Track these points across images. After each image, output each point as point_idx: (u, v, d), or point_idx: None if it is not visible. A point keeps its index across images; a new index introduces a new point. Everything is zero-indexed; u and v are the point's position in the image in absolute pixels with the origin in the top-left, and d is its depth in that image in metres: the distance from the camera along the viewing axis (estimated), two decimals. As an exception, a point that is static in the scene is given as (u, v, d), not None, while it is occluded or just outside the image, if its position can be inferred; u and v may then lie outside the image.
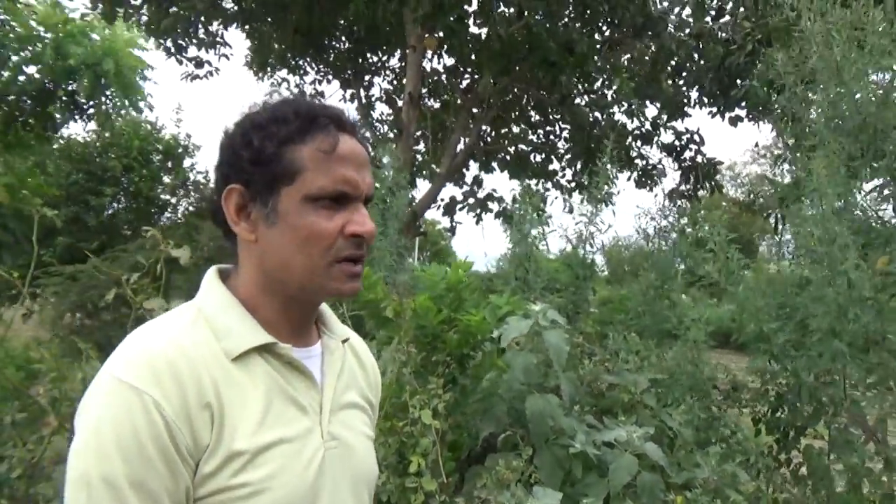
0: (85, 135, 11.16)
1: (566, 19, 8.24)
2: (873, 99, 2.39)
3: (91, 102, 9.46)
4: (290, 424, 0.90)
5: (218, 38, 9.69)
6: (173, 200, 11.17)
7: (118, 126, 11.03)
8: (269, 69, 10.77)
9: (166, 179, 11.26)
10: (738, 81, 7.43)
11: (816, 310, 2.77)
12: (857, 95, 2.42)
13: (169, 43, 9.43)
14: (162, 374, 0.81)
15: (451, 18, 7.39)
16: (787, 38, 2.65)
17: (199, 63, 9.94)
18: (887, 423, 2.99)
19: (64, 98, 9.51)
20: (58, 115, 9.46)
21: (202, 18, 9.06)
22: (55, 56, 8.82)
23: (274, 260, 0.92)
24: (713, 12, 8.06)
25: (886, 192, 2.61)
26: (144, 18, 9.04)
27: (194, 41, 9.54)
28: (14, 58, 8.82)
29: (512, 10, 8.13)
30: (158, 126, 11.52)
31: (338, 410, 0.98)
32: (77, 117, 9.85)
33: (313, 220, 0.89)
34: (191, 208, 10.92)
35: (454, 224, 10.50)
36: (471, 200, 10.49)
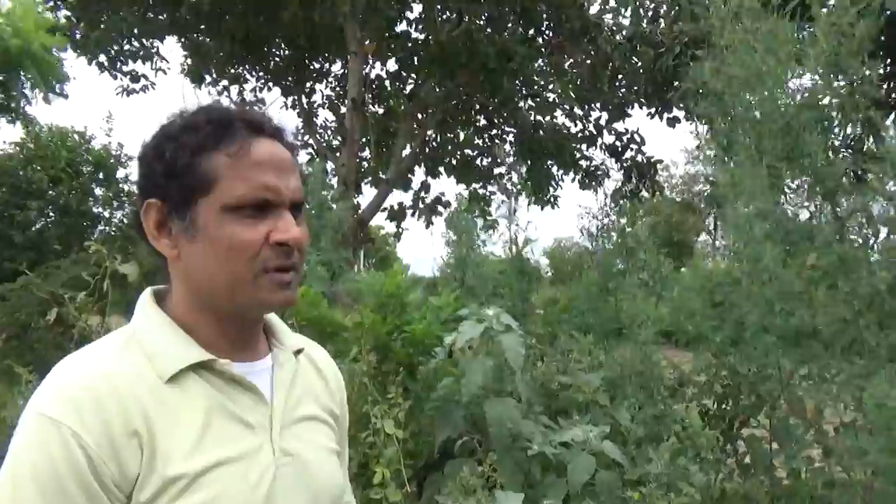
0: (7, 147, 10.66)
1: (506, 25, 8.36)
2: (792, 103, 2.51)
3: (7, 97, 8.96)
4: (233, 443, 0.86)
5: (153, 51, 9.41)
6: (106, 213, 10.75)
7: (43, 136, 10.57)
8: (207, 78, 10.52)
9: (98, 192, 10.83)
10: (674, 83, 7.67)
11: (747, 307, 2.87)
12: (779, 101, 2.54)
13: (102, 58, 9.10)
14: (82, 405, 0.77)
15: (387, 20, 7.39)
16: (707, 47, 2.76)
17: (134, 77, 9.63)
18: (825, 413, 3.13)
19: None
20: None
21: (135, 31, 8.78)
22: None
23: (199, 276, 0.88)
24: (650, 14, 8.31)
25: (806, 190, 2.74)
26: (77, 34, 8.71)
27: (128, 54, 9.24)
28: None
29: (452, 15, 8.20)
30: (88, 136, 11.09)
31: (291, 425, 0.94)
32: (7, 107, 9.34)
33: (234, 230, 0.85)
34: (125, 221, 10.54)
35: (400, 230, 10.49)
36: (420, 206, 10.50)
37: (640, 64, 8.66)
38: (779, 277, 2.60)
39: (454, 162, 11.24)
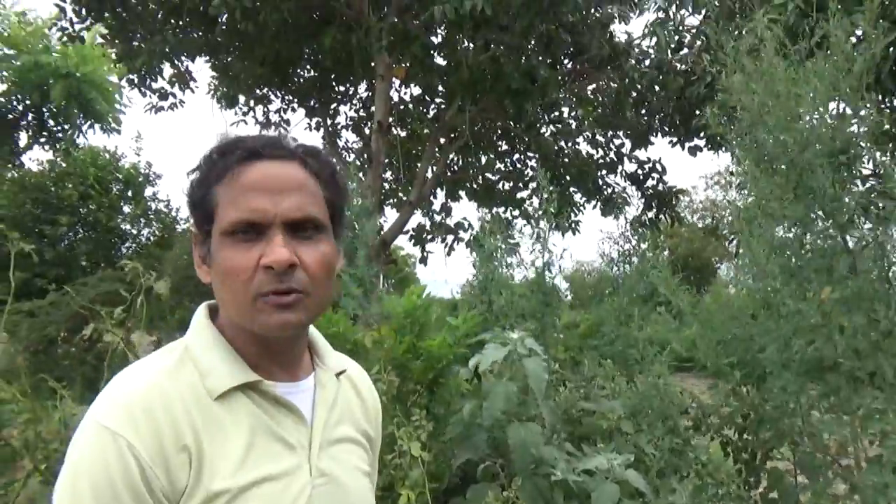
0: (39, 165, 10.92)
1: (529, 51, 8.44)
2: (794, 142, 2.52)
3: (59, 124, 9.33)
4: (274, 462, 0.89)
5: (185, 71, 9.65)
6: (134, 230, 10.91)
7: (76, 155, 10.81)
8: (233, 99, 10.74)
9: (126, 209, 11.02)
10: (697, 112, 7.67)
11: (766, 342, 2.85)
12: (782, 138, 2.55)
13: (133, 75, 9.36)
14: (138, 417, 0.81)
15: (417, 47, 7.51)
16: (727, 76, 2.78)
17: (163, 95, 9.86)
18: (856, 446, 3.07)
19: (31, 121, 9.37)
20: (22, 140, 9.31)
21: (168, 51, 9.02)
22: (29, 68, 8.70)
23: (218, 300, 0.93)
24: (673, 45, 8.36)
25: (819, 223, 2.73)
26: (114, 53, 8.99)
27: (161, 75, 9.48)
28: None
29: (477, 43, 8.30)
30: (118, 155, 11.31)
31: (328, 446, 0.97)
32: (42, 141, 9.69)
33: (228, 255, 0.88)
34: (152, 238, 10.69)
35: (425, 254, 10.53)
36: (440, 229, 10.55)
37: (664, 93, 8.68)
38: (798, 311, 2.59)
39: (475, 186, 11.30)
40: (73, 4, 8.05)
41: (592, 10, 8.21)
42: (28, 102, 9.82)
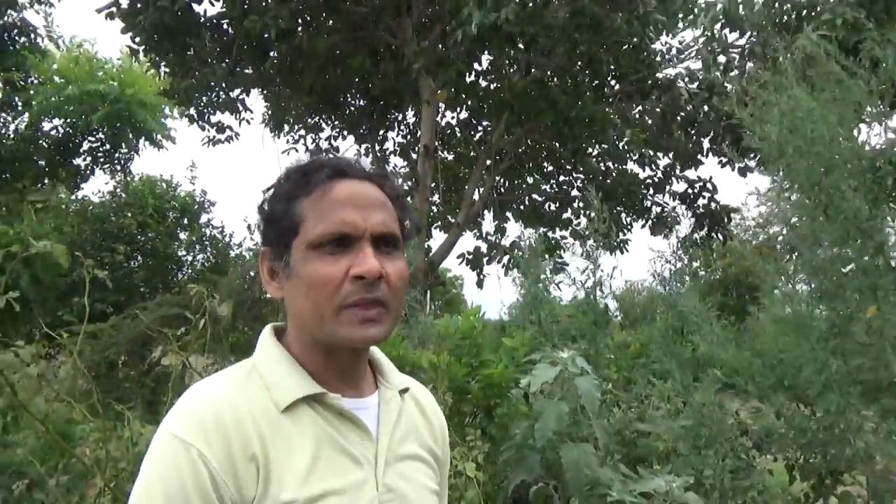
0: (101, 196, 11.40)
1: (574, 73, 8.45)
2: (818, 164, 2.47)
3: (115, 148, 9.81)
4: (341, 476, 0.89)
5: (238, 103, 10.01)
6: (189, 257, 11.25)
7: (134, 185, 11.25)
8: (285, 128, 11.06)
9: (182, 236, 11.38)
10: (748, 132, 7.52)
11: (803, 363, 2.76)
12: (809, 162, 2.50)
13: (192, 111, 9.76)
14: (208, 428, 0.84)
15: (453, 71, 7.60)
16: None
17: (220, 128, 10.23)
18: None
19: (88, 148, 9.85)
20: (81, 167, 9.79)
21: (223, 84, 9.39)
22: (79, 98, 9.17)
23: (294, 313, 0.95)
24: (721, 65, 8.26)
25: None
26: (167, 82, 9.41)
27: (216, 106, 9.87)
28: (35, 105, 9.21)
29: (519, 65, 8.37)
30: (174, 183, 11.74)
31: (395, 462, 0.97)
32: (101, 167, 10.17)
33: (315, 266, 0.90)
34: (207, 264, 11.00)
35: (482, 276, 10.56)
36: (494, 252, 10.58)
37: (714, 114, 8.56)
38: (837, 330, 2.50)
39: (522, 207, 11.30)
40: (140, 45, 8.47)
41: (634, 31, 8.19)
42: (83, 130, 10.35)
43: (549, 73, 8.03)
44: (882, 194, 2.39)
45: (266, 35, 7.48)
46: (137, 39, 8.33)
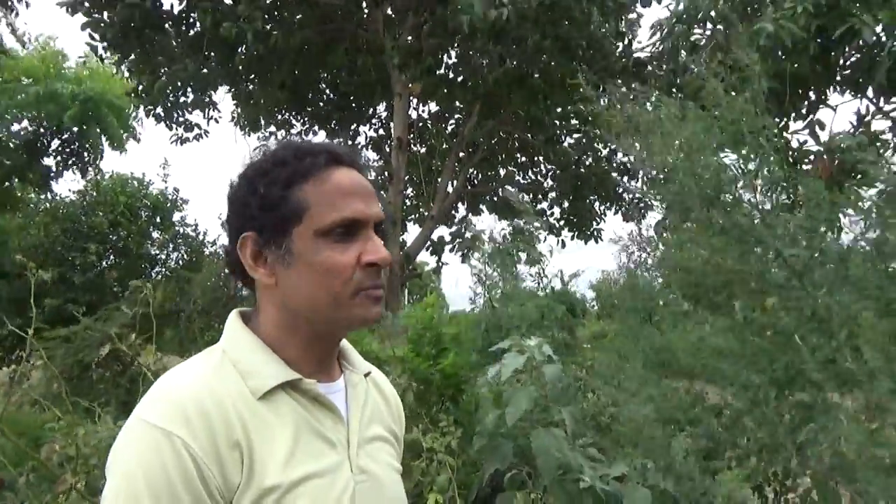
0: (71, 195, 11.21)
1: (547, 59, 8.47)
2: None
3: (83, 147, 9.64)
4: (319, 459, 0.91)
5: (207, 101, 9.89)
6: (163, 255, 11.11)
7: (105, 184, 11.07)
8: (255, 125, 10.96)
9: (155, 234, 11.24)
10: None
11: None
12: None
13: (159, 109, 9.62)
14: (190, 415, 0.82)
15: (425, 65, 7.60)
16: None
17: (188, 127, 10.11)
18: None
19: (58, 148, 9.69)
20: (51, 167, 9.63)
21: (191, 83, 9.26)
22: (47, 97, 9.01)
23: (298, 299, 0.94)
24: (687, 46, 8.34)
25: None
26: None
27: (183, 105, 9.74)
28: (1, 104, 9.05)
29: (492, 57, 8.37)
30: (146, 182, 11.57)
31: (365, 444, 0.99)
32: (71, 166, 10.00)
33: (328, 254, 0.91)
34: (181, 262, 10.88)
35: (440, 264, 10.61)
36: (458, 241, 10.62)
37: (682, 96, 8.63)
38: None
39: (495, 199, 11.34)
40: (101, 42, 8.32)
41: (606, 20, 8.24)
42: (52, 129, 10.17)
43: (521, 61, 8.04)
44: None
45: (240, 37, 7.39)
46: (98, 37, 8.17)
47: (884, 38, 4.13)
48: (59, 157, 11.58)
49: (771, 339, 2.31)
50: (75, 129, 10.48)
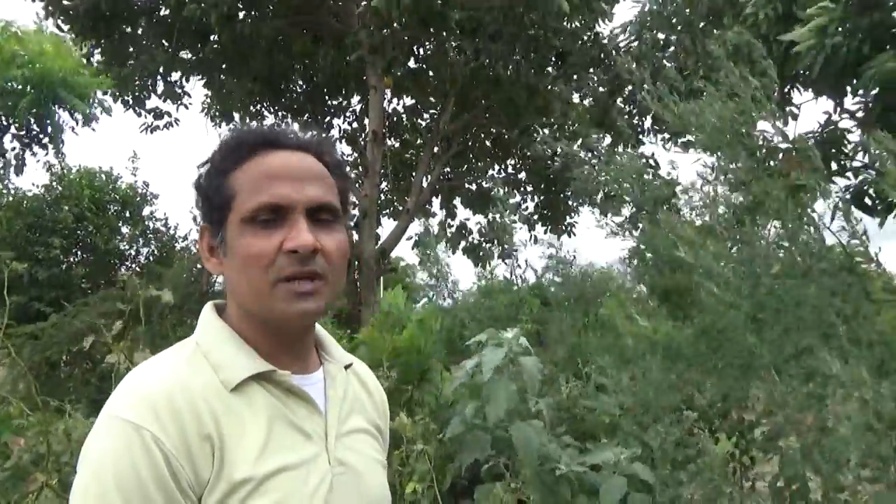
0: (35, 189, 10.92)
1: (518, 57, 8.50)
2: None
3: (43, 129, 9.35)
4: (293, 451, 0.88)
5: (178, 89, 9.71)
6: (133, 251, 10.91)
7: (70, 177, 10.81)
8: (227, 116, 10.80)
9: (125, 229, 11.01)
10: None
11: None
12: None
13: (128, 96, 9.43)
14: (160, 409, 0.80)
15: (390, 60, 7.59)
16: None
17: (158, 114, 9.92)
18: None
19: (16, 135, 9.43)
20: (10, 157, 9.35)
21: (161, 70, 9.09)
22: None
23: (233, 289, 0.93)
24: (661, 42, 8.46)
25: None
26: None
27: (156, 93, 9.56)
28: None
29: (465, 52, 8.37)
30: (114, 176, 11.32)
31: (343, 436, 0.97)
32: (31, 148, 9.73)
33: (248, 241, 0.88)
34: (151, 257, 10.69)
35: (428, 254, 10.63)
36: (446, 233, 10.66)
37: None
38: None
39: (470, 192, 11.36)
40: (70, 32, 8.13)
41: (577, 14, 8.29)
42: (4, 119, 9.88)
43: (492, 56, 8.05)
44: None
45: (205, 20, 7.28)
46: (66, 27, 7.99)
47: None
48: (17, 144, 11.24)
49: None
50: (34, 112, 10.11)
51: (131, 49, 8.73)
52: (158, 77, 9.33)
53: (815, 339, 2.07)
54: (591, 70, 9.22)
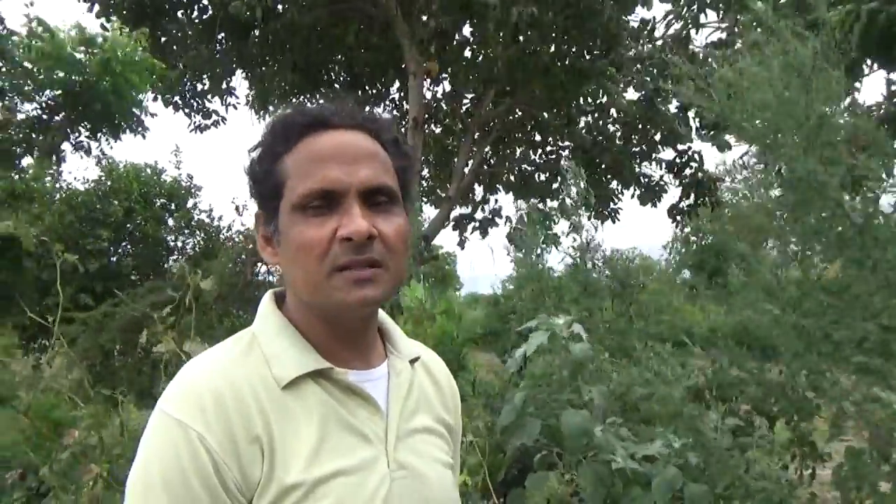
0: (86, 184, 11.22)
1: (565, 45, 8.35)
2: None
3: (99, 128, 9.59)
4: (349, 454, 0.84)
5: (224, 87, 9.85)
6: (179, 242, 11.14)
7: (119, 172, 11.08)
8: (269, 108, 10.92)
9: (171, 222, 11.25)
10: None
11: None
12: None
13: (177, 98, 9.61)
14: (207, 408, 0.78)
15: (440, 46, 7.55)
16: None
17: (206, 114, 10.07)
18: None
19: (73, 129, 9.69)
20: (63, 147, 9.62)
21: (207, 70, 9.22)
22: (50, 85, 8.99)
23: (289, 280, 0.89)
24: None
25: None
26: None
27: (201, 93, 9.71)
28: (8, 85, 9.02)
29: (506, 38, 8.26)
30: (159, 169, 11.56)
31: (406, 437, 0.92)
32: (85, 146, 10.00)
33: (301, 229, 0.83)
34: (197, 248, 10.90)
35: (463, 239, 10.63)
36: (477, 220, 10.64)
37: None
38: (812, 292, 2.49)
39: (511, 178, 11.26)
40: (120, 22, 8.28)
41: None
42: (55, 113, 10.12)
43: (538, 42, 7.93)
44: (834, 154, 2.35)
45: (250, 15, 7.33)
46: (115, 25, 8.14)
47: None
48: (73, 140, 11.52)
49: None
50: (88, 113, 10.35)
51: (175, 47, 8.85)
52: (205, 76, 9.46)
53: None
54: (638, 66, 9.02)
